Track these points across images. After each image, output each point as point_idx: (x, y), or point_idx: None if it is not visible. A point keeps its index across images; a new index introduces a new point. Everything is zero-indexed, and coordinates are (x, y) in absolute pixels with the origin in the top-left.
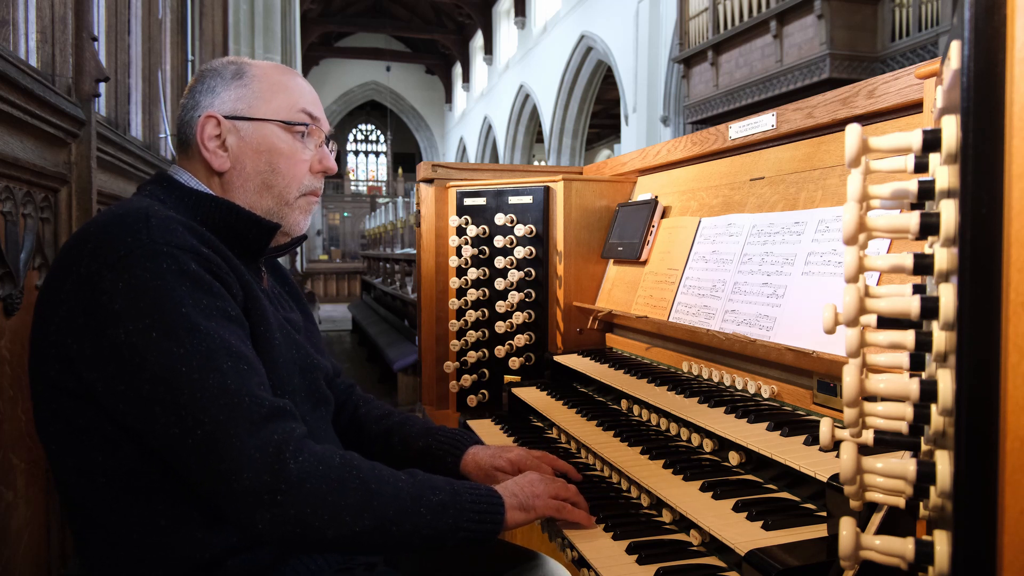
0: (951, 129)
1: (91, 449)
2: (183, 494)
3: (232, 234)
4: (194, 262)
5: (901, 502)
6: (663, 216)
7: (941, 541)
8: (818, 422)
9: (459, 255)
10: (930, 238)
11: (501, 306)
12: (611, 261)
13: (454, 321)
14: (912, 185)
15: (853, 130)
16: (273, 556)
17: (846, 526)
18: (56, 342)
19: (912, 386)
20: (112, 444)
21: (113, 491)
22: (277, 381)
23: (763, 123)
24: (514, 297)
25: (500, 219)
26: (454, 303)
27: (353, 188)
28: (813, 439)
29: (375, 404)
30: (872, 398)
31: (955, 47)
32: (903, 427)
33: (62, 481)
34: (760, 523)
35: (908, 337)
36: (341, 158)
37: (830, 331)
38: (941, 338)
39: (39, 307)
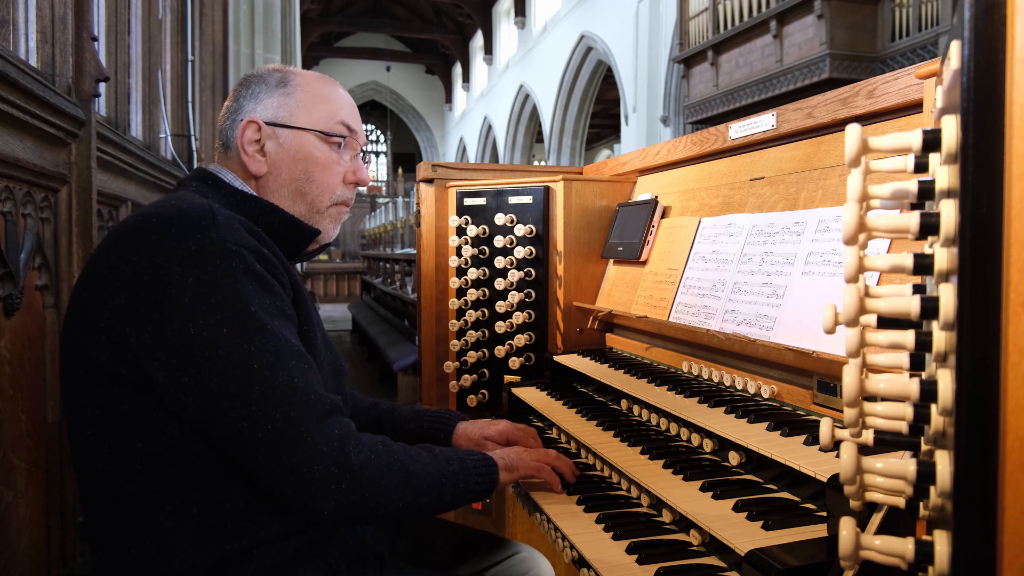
0: (951, 129)
1: (131, 436)
2: (217, 484)
3: (274, 235)
4: (257, 262)
5: (901, 502)
6: (663, 216)
7: (941, 541)
8: (818, 422)
9: (459, 255)
10: (930, 238)
11: (501, 306)
12: (611, 261)
13: (454, 321)
14: (912, 185)
15: (853, 130)
16: (295, 548)
17: (846, 526)
18: (109, 328)
19: (912, 386)
20: (154, 431)
21: (149, 478)
22: None
23: (763, 123)
24: (514, 297)
25: (500, 219)
26: (454, 303)
27: None
28: (813, 439)
29: (359, 396)
30: (872, 398)
31: (955, 47)
32: (903, 427)
33: (92, 469)
34: (760, 523)
35: (908, 337)
36: None
37: (830, 331)
38: (941, 338)
39: (86, 292)
